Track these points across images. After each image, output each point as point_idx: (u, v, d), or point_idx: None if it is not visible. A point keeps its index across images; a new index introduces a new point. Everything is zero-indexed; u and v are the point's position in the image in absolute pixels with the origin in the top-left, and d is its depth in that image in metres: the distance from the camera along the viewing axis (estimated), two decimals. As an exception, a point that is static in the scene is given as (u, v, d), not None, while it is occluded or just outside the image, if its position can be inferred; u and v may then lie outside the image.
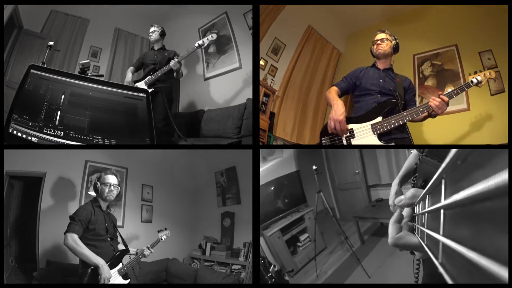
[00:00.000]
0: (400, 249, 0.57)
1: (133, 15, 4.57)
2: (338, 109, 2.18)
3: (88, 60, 2.66)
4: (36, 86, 2.03)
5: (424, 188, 0.50)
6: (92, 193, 3.11)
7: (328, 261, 3.42)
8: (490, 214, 0.19)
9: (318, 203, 3.28)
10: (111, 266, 2.01)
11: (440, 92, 2.05)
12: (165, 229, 2.62)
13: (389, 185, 0.90)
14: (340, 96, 2.45)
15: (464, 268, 0.23)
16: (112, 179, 2.17)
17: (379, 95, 2.32)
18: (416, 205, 0.54)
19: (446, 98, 2.01)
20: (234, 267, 3.08)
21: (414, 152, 0.85)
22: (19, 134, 1.99)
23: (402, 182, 0.94)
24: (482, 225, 0.20)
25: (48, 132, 1.99)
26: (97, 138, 2.04)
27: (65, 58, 4.15)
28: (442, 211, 0.29)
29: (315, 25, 4.32)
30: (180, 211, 3.83)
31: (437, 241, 0.30)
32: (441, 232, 0.29)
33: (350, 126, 2.23)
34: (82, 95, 2.05)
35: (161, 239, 2.54)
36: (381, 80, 2.37)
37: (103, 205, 2.18)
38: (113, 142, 2.06)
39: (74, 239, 1.92)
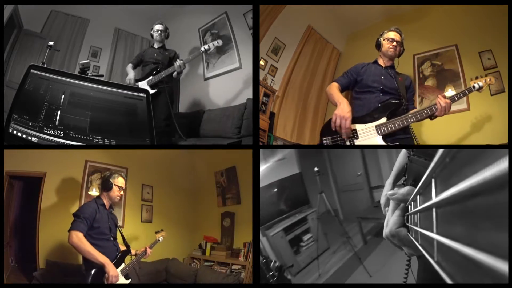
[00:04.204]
0: (393, 242, 0.57)
1: (133, 15, 4.58)
2: (345, 106, 2.13)
3: (88, 60, 2.66)
4: (36, 86, 2.03)
5: (415, 188, 0.50)
6: (92, 192, 3.11)
7: (331, 261, 3.44)
8: (484, 210, 0.19)
9: (320, 204, 3.30)
10: (115, 266, 2.01)
11: (443, 95, 2.08)
12: (161, 230, 2.64)
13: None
14: (341, 92, 2.41)
15: (460, 264, 0.23)
16: (123, 182, 2.25)
17: (381, 94, 2.28)
18: (409, 205, 0.54)
19: (449, 101, 2.04)
20: (234, 267, 3.08)
21: (403, 150, 0.86)
22: (19, 134, 1.99)
23: (395, 182, 0.94)
24: (476, 220, 0.20)
25: (48, 132, 1.99)
26: (97, 138, 2.04)
27: (65, 58, 4.16)
28: (434, 209, 0.29)
29: (315, 25, 4.32)
30: (180, 211, 3.83)
31: (431, 239, 0.30)
32: (434, 230, 0.29)
33: (353, 126, 2.19)
34: (82, 95, 2.05)
35: (159, 240, 2.56)
36: (382, 77, 2.33)
37: (107, 204, 2.19)
38: (113, 142, 2.06)
39: (79, 237, 1.90)
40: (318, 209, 3.41)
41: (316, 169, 3.28)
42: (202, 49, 3.13)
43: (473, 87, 2.15)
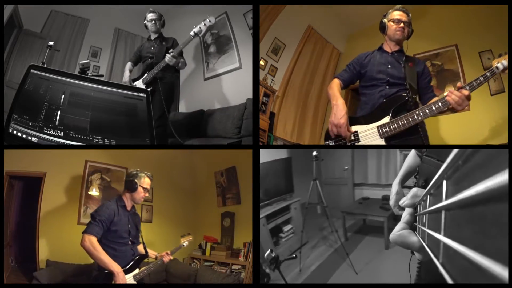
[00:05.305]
0: (400, 246, 0.57)
1: (133, 15, 4.57)
2: (338, 111, 1.92)
3: (88, 60, 2.65)
4: (36, 86, 2.03)
5: (425, 188, 0.50)
6: (92, 193, 3.11)
7: (311, 256, 3.32)
8: (493, 216, 0.19)
9: (311, 191, 3.04)
10: (128, 271, 1.90)
11: (459, 84, 1.69)
12: (189, 234, 2.44)
13: (375, 185, 0.89)
14: (344, 88, 2.17)
15: (465, 268, 0.23)
16: (148, 183, 2.12)
17: (387, 86, 1.98)
18: (418, 205, 0.54)
19: (466, 92, 1.65)
20: (234, 267, 3.08)
21: (413, 151, 0.85)
22: (19, 134, 1.98)
23: (403, 182, 0.94)
24: (485, 226, 0.19)
25: (48, 132, 1.98)
26: (97, 138, 2.03)
27: (65, 58, 4.16)
28: (443, 211, 0.29)
29: (315, 25, 4.32)
30: (180, 211, 3.83)
31: (438, 241, 0.30)
32: (442, 232, 0.29)
33: (354, 128, 1.96)
34: (82, 95, 2.05)
35: (183, 245, 2.39)
36: (389, 66, 2.02)
37: (129, 205, 2.07)
38: (113, 142, 2.06)
39: (92, 241, 1.79)
40: (309, 196, 3.11)
41: (314, 153, 3.00)
42: (192, 33, 2.91)
43: (497, 68, 1.69)
